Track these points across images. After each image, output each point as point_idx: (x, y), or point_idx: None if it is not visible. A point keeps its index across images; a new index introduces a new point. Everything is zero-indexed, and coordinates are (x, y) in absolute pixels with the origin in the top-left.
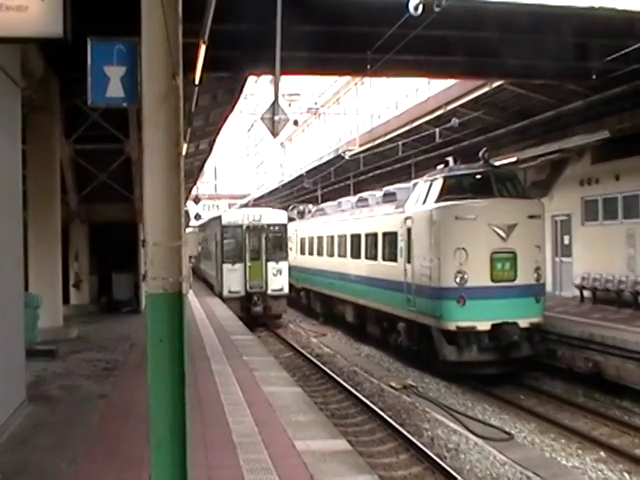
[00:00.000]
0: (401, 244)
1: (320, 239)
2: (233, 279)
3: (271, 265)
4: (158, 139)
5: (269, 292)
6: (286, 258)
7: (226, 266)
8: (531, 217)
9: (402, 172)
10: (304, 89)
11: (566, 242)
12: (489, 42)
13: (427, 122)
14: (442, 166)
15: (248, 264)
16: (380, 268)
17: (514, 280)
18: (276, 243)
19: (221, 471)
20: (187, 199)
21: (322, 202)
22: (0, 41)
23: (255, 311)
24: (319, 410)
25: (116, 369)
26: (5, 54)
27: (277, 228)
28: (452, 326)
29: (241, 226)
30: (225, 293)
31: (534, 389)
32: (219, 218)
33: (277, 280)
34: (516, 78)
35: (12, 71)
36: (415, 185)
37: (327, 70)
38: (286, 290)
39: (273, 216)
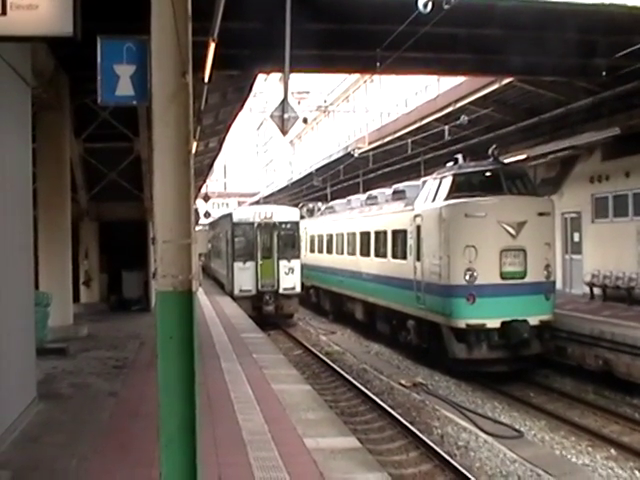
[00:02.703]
0: (410, 242)
1: (329, 237)
2: (244, 278)
3: (283, 263)
4: (168, 137)
5: (281, 291)
6: (298, 256)
7: (237, 264)
8: (541, 214)
9: (411, 170)
10: (313, 87)
11: (576, 239)
12: (498, 39)
13: (436, 120)
14: (451, 163)
15: (259, 262)
16: (389, 266)
17: (524, 278)
18: (288, 241)
19: (231, 469)
20: (197, 197)
21: (331, 200)
22: (11, 40)
23: (267, 310)
24: (329, 408)
25: (126, 367)
26: (15, 53)
27: (289, 226)
28: (462, 324)
29: (252, 224)
30: (236, 292)
31: (544, 387)
32: (230, 215)
33: (289, 279)
34: (525, 75)
35: (22, 70)
36: (424, 183)
37: (336, 68)
38: (298, 289)
39: (285, 213)
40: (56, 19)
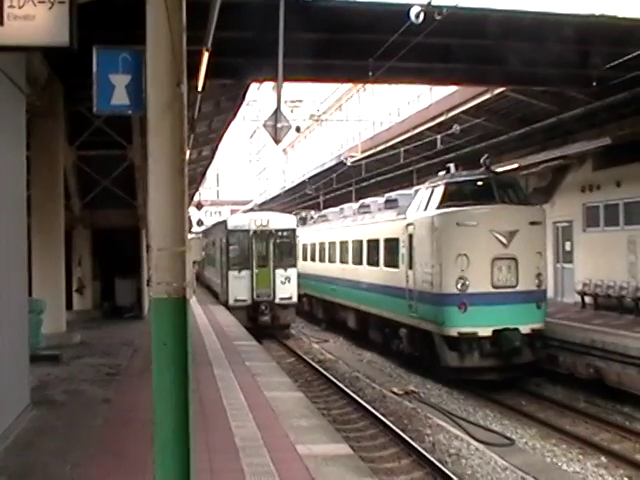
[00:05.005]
0: (403, 250)
1: (322, 245)
2: (239, 287)
3: (279, 272)
4: (162, 146)
5: (277, 301)
6: (295, 265)
7: (232, 273)
8: (532, 223)
9: (404, 178)
10: (306, 96)
11: (567, 248)
12: (490, 49)
13: (429, 129)
14: (443, 173)
15: (255, 271)
16: (382, 274)
17: (515, 286)
18: (285, 249)
19: (224, 475)
20: (189, 205)
21: (324, 208)
22: (8, 50)
23: (262, 321)
24: (321, 415)
25: (119, 374)
26: (10, 61)
27: (286, 233)
28: (454, 332)
29: (248, 231)
30: (231, 302)
31: (535, 395)
32: (225, 222)
33: (285, 288)
34: (517, 85)
35: (17, 78)
36: (417, 191)
37: (329, 77)
38: (295, 299)
39: (281, 220)
40: (53, 29)
